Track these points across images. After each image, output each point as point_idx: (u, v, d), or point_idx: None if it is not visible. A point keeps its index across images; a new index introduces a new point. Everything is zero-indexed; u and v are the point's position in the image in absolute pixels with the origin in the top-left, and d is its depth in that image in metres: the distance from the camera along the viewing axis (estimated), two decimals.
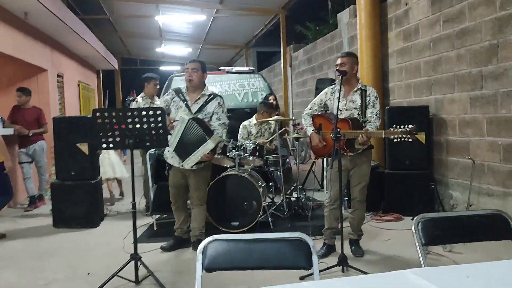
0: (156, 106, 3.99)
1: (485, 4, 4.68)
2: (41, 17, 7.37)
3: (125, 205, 6.26)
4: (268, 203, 5.42)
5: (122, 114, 3.47)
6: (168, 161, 4.21)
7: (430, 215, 1.95)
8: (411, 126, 3.37)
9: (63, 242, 4.77)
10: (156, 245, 4.42)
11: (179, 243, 4.36)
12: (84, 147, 5.35)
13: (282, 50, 12.45)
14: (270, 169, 5.51)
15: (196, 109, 4.12)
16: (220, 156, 5.03)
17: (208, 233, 1.88)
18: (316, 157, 4.90)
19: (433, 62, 5.57)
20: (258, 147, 5.16)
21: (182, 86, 4.28)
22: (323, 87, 5.69)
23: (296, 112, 11.76)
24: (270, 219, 4.93)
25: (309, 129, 4.08)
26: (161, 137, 3.55)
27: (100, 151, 5.88)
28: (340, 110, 3.85)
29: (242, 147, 5.12)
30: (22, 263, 4.15)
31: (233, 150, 5.05)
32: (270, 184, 5.50)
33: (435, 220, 1.94)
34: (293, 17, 12.65)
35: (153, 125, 3.47)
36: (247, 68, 8.32)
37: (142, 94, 6.03)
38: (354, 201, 4.08)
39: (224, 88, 7.23)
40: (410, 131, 3.35)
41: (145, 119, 3.45)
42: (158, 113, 3.48)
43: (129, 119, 3.44)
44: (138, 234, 3.78)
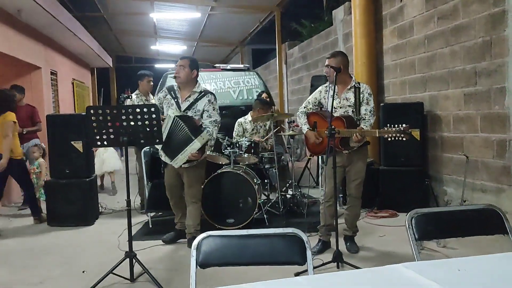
0: (150, 103, 3.97)
1: (478, 1, 4.70)
2: (35, 15, 7.32)
3: (120, 203, 6.24)
4: (264, 200, 5.43)
5: (116, 111, 3.46)
6: (162, 159, 4.20)
7: (423, 210, 1.96)
8: (405, 126, 3.39)
9: (58, 240, 4.76)
10: (151, 242, 4.43)
11: (180, 235, 4.46)
12: (79, 145, 5.33)
13: (277, 48, 12.45)
14: (266, 166, 5.52)
15: (186, 107, 4.10)
16: (215, 154, 5.03)
17: (203, 230, 1.88)
18: (312, 155, 4.92)
19: (428, 58, 5.59)
20: (253, 144, 5.16)
21: (175, 84, 4.27)
22: (318, 84, 5.70)
23: (292, 109, 11.76)
24: (265, 216, 4.93)
25: (304, 127, 4.08)
26: (156, 135, 3.54)
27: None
28: (334, 108, 3.86)
29: (237, 145, 5.12)
30: (16, 261, 4.13)
31: (228, 148, 5.04)
32: (266, 181, 5.51)
33: (428, 215, 1.95)
34: (288, 14, 12.65)
35: (147, 123, 3.46)
36: (242, 65, 8.31)
37: (136, 91, 6.02)
38: (350, 197, 4.09)
39: (219, 85, 7.22)
40: (403, 130, 3.37)
41: (139, 116, 3.44)
42: (152, 110, 3.47)
43: (123, 117, 3.43)
44: (133, 232, 3.78)
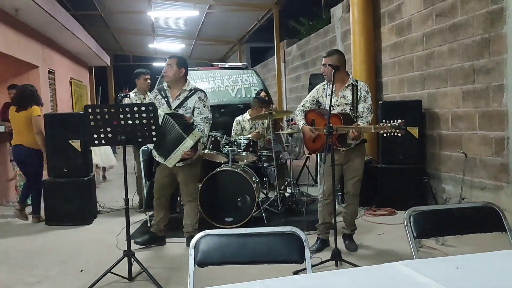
0: (148, 102, 3.95)
1: None
2: (32, 14, 7.30)
3: (118, 201, 6.23)
4: (262, 198, 5.43)
5: (114, 110, 3.45)
6: (156, 159, 4.14)
7: (422, 208, 1.96)
8: (400, 121, 3.40)
9: (56, 240, 4.75)
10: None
11: (154, 239, 4.30)
12: (77, 144, 5.32)
13: (275, 46, 12.43)
14: (264, 165, 5.51)
15: (176, 105, 4.08)
16: (214, 152, 5.02)
17: (202, 229, 1.87)
18: (310, 153, 4.91)
19: (426, 56, 5.59)
20: (251, 143, 5.15)
21: (165, 84, 4.23)
22: (317, 83, 5.69)
23: (290, 108, 11.76)
24: (264, 214, 4.93)
25: (300, 123, 4.08)
26: (153, 133, 3.53)
27: None
28: (332, 106, 3.85)
29: (236, 143, 5.11)
30: (14, 260, 4.12)
31: (226, 146, 5.04)
32: (264, 179, 5.50)
33: (426, 213, 1.94)
34: (286, 12, 12.63)
35: (145, 121, 3.45)
36: (241, 63, 8.30)
37: (135, 89, 6.00)
38: (348, 195, 4.09)
39: (217, 83, 7.20)
40: (399, 125, 3.38)
41: (137, 115, 3.43)
42: (150, 109, 3.46)
43: (121, 115, 3.42)
44: (132, 231, 3.77)
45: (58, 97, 9.95)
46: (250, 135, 5.50)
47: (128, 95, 5.89)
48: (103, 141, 3.52)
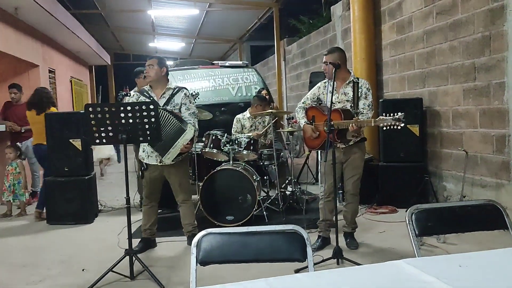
0: (148, 101, 3.95)
1: None
2: (32, 12, 7.30)
3: (119, 200, 6.24)
4: (263, 197, 5.43)
5: (114, 109, 3.45)
6: (144, 162, 4.07)
7: (424, 206, 1.96)
8: (400, 114, 3.40)
9: (57, 239, 4.75)
10: None
11: (148, 244, 4.24)
12: (77, 143, 5.31)
13: (275, 44, 12.42)
14: (265, 163, 5.51)
15: (164, 103, 4.05)
16: (215, 151, 5.02)
17: (203, 227, 1.87)
18: (310, 150, 4.90)
19: (427, 54, 5.58)
20: (252, 141, 5.15)
21: (146, 87, 4.19)
22: (317, 81, 5.68)
23: (290, 106, 11.75)
24: (265, 213, 4.93)
25: (302, 121, 4.08)
26: (154, 132, 3.53)
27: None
28: (332, 103, 3.85)
29: (237, 141, 5.10)
30: (15, 259, 4.12)
31: (227, 145, 5.03)
32: (265, 178, 5.50)
33: (428, 211, 1.94)
34: (287, 11, 12.62)
35: (146, 120, 3.45)
36: (241, 62, 8.29)
37: (135, 88, 5.99)
38: (347, 194, 4.08)
39: (218, 82, 7.20)
40: (399, 118, 3.38)
41: (138, 114, 3.43)
42: (151, 107, 3.46)
43: (122, 114, 3.42)
44: (133, 230, 3.77)
45: (58, 96, 9.95)
46: (251, 134, 5.50)
47: (128, 94, 5.88)
48: (104, 140, 3.52)
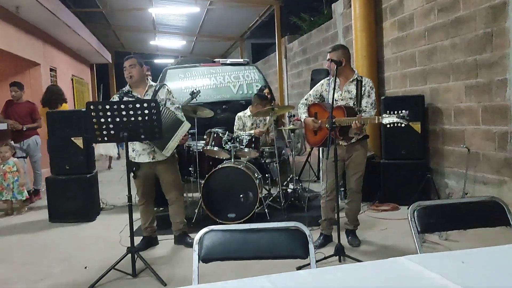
0: (150, 99, 3.95)
1: None
2: (33, 11, 7.30)
3: (120, 198, 6.24)
4: (265, 194, 5.43)
5: (116, 107, 3.45)
6: (136, 161, 4.01)
7: (426, 203, 1.95)
8: (404, 111, 3.38)
9: (59, 237, 4.76)
10: None
11: (150, 242, 4.25)
12: (79, 141, 5.32)
13: (276, 42, 12.41)
14: (266, 161, 5.51)
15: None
16: (216, 148, 5.02)
17: (205, 225, 1.87)
18: (311, 147, 4.89)
19: (428, 51, 5.56)
20: (254, 139, 5.15)
21: (124, 89, 4.16)
22: (319, 78, 5.68)
23: (292, 103, 11.73)
24: (266, 210, 4.93)
25: (303, 116, 4.07)
26: (156, 130, 3.53)
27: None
28: (335, 100, 3.84)
29: (238, 139, 5.11)
30: (17, 257, 4.13)
31: (228, 142, 5.03)
32: (267, 175, 5.50)
33: (430, 208, 1.94)
34: (288, 8, 12.59)
35: (147, 118, 3.45)
36: (242, 60, 8.28)
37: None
38: (350, 191, 4.08)
39: (219, 80, 7.20)
40: (403, 115, 3.36)
41: (139, 111, 3.43)
42: (152, 105, 3.46)
43: (123, 112, 3.42)
44: (135, 228, 3.77)
45: None
46: (252, 132, 5.50)
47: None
48: (105, 138, 3.52)
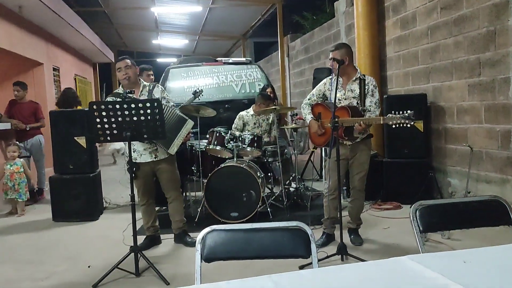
0: (153, 98, 3.96)
1: None
2: (36, 10, 7.32)
3: (124, 198, 6.26)
4: (267, 193, 5.43)
5: (118, 106, 3.46)
6: (138, 161, 3.97)
7: (428, 202, 1.95)
8: (410, 112, 3.37)
9: (63, 236, 4.78)
10: None
11: (153, 241, 4.27)
12: (82, 141, 5.34)
13: (279, 40, 12.40)
14: (269, 160, 5.51)
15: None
16: (218, 148, 5.02)
17: (207, 224, 1.87)
18: (315, 147, 4.88)
19: (431, 49, 5.55)
20: (256, 138, 5.15)
21: (118, 90, 4.16)
22: (321, 77, 5.68)
23: (294, 102, 11.74)
24: (269, 209, 4.94)
25: (308, 117, 4.06)
26: (159, 129, 3.54)
27: None
28: (339, 99, 3.84)
29: (240, 138, 5.11)
30: (21, 257, 4.15)
31: (231, 142, 5.04)
32: (269, 174, 5.50)
33: (432, 207, 1.94)
34: (290, 7, 12.59)
35: (150, 117, 3.46)
36: (244, 59, 8.28)
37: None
38: (354, 190, 4.07)
39: (221, 79, 7.20)
40: (408, 116, 3.35)
41: (142, 111, 3.44)
42: (155, 104, 3.47)
43: (126, 112, 3.43)
44: (138, 227, 3.78)
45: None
46: (254, 131, 5.50)
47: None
48: (108, 138, 3.53)
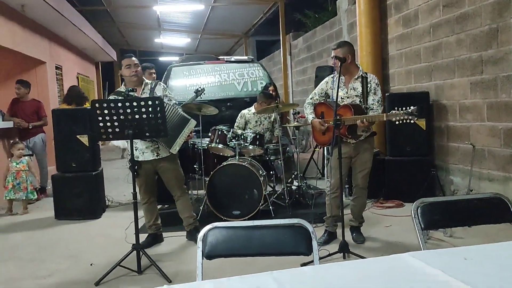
0: (155, 96, 3.97)
1: None
2: (38, 9, 7.33)
3: (126, 196, 6.28)
4: (269, 191, 5.43)
5: (121, 104, 3.46)
6: (139, 160, 3.97)
7: (429, 199, 1.95)
8: (413, 108, 3.36)
9: (65, 234, 4.80)
10: None
11: (155, 239, 4.27)
12: (84, 139, 5.35)
13: (281, 39, 12.38)
14: (271, 158, 5.51)
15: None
16: (221, 146, 5.03)
17: (209, 222, 1.88)
18: (320, 146, 4.87)
19: (433, 47, 5.54)
20: (258, 136, 5.15)
21: (120, 88, 4.17)
22: (323, 75, 5.67)
23: (296, 101, 11.72)
24: (271, 207, 4.94)
25: (310, 116, 4.05)
26: (161, 127, 3.54)
27: None
28: (341, 98, 3.83)
29: (242, 136, 5.12)
30: (23, 254, 4.17)
31: (233, 140, 5.04)
32: (271, 172, 5.50)
33: (434, 205, 1.94)
34: (292, 5, 12.57)
35: (152, 115, 3.47)
36: (246, 57, 8.28)
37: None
38: (356, 188, 4.07)
39: (224, 77, 7.20)
40: (411, 112, 3.34)
41: (144, 109, 3.45)
42: (157, 103, 3.47)
43: (128, 110, 3.44)
44: (140, 225, 3.79)
45: (65, 93, 10.00)
46: (256, 129, 5.50)
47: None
48: (110, 136, 3.54)
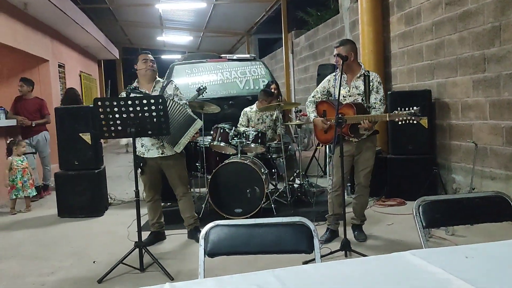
0: (157, 95, 3.97)
1: None
2: (41, 7, 7.34)
3: (128, 194, 6.29)
4: (271, 189, 5.44)
5: (123, 103, 3.47)
6: (145, 156, 4.00)
7: (431, 198, 1.95)
8: (416, 108, 3.36)
9: (68, 231, 4.82)
10: None
11: (157, 237, 4.28)
12: (87, 137, 5.37)
13: (283, 37, 12.37)
14: (273, 156, 5.52)
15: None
16: (223, 144, 5.04)
17: (211, 220, 1.88)
18: (320, 144, 4.87)
19: (435, 45, 5.53)
20: (260, 134, 5.16)
21: (130, 85, 4.17)
22: (325, 73, 5.66)
23: (298, 99, 11.72)
24: (273, 205, 4.95)
25: (312, 115, 4.05)
26: (163, 125, 3.55)
27: None
28: (344, 96, 3.83)
29: (244, 134, 5.12)
30: (27, 252, 4.19)
31: (235, 138, 5.05)
32: (273, 170, 5.51)
33: (435, 203, 1.94)
34: (294, 3, 12.55)
35: (154, 114, 3.47)
36: (249, 55, 8.28)
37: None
38: (359, 186, 4.07)
39: (226, 75, 7.20)
40: (414, 112, 3.34)
41: (146, 107, 3.45)
42: (160, 101, 3.48)
43: (131, 108, 3.44)
44: (142, 223, 3.81)
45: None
46: (258, 127, 5.50)
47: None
48: (112, 134, 3.55)
